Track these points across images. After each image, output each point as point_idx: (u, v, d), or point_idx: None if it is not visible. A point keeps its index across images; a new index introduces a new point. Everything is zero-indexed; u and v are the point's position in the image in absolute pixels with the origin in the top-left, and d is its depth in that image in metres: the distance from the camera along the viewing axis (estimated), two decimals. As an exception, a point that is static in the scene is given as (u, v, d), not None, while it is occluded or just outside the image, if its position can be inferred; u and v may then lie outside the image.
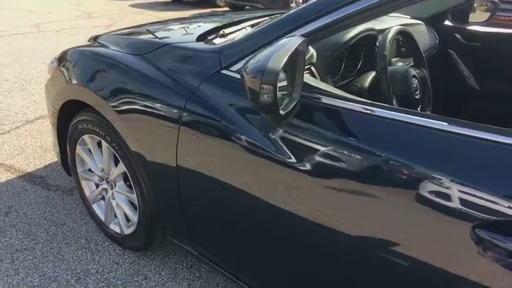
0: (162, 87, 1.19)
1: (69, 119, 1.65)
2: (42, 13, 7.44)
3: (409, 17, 1.97)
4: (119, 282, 1.55)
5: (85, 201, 1.81)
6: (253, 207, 1.05)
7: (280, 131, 0.93)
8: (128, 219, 1.63)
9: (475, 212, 0.69)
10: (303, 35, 0.91)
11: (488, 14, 2.11)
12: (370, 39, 1.41)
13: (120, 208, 1.62)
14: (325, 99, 0.93)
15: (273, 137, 0.95)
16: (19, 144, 2.56)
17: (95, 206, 1.77)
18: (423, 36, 1.86)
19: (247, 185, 1.04)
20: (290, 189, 0.94)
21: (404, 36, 1.43)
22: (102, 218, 1.73)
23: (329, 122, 0.90)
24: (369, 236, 0.84)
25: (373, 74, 1.31)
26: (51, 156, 2.42)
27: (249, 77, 0.77)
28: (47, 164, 2.35)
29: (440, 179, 0.73)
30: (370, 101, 0.94)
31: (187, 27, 1.55)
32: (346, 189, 0.85)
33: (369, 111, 0.88)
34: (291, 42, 0.79)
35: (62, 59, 1.64)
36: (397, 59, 1.55)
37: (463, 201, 0.70)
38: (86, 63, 1.49)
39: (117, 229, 1.68)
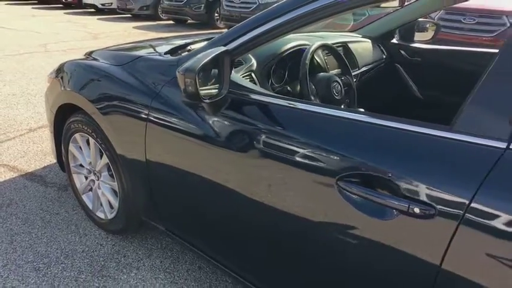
0: (135, 90, 1.49)
1: (64, 121, 1.95)
2: (50, 34, 7.90)
3: (359, 35, 2.28)
4: (101, 259, 1.81)
5: (76, 193, 2.09)
6: (203, 186, 1.32)
7: (217, 120, 1.21)
8: (111, 207, 1.90)
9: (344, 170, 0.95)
10: (234, 47, 1.20)
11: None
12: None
13: (105, 196, 1.89)
14: (253, 96, 1.22)
15: (212, 124, 1.23)
16: (22, 149, 2.86)
17: (84, 197, 2.05)
18: (368, 51, 2.16)
19: (196, 168, 1.32)
20: (227, 167, 1.22)
21: (327, 50, 1.73)
22: (90, 206, 2.01)
23: (256, 112, 1.18)
24: (282, 204, 1.10)
25: None
26: (50, 159, 2.71)
27: (179, 74, 1.06)
28: (46, 165, 2.65)
29: (333, 152, 0.98)
30: (294, 98, 1.23)
31: (162, 44, 1.86)
32: (267, 165, 1.11)
33: (292, 105, 1.15)
34: (212, 51, 1.08)
35: (59, 70, 1.95)
36: (338, 70, 1.84)
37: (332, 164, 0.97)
38: (79, 73, 1.80)
39: (102, 215, 1.95)
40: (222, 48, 1.11)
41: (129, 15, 11.54)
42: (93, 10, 12.62)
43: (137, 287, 1.66)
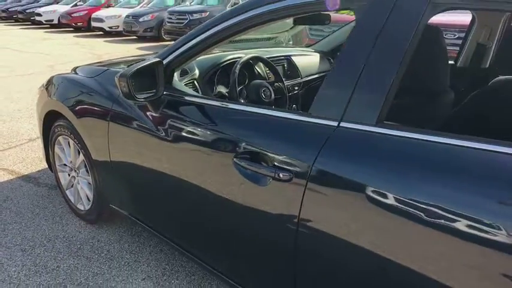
0: (100, 96, 1.81)
1: (50, 126, 2.28)
2: (59, 56, 8.43)
3: (311, 50, 2.59)
4: (78, 243, 2.11)
5: (61, 189, 2.41)
6: (151, 173, 1.61)
7: (157, 116, 1.52)
8: (88, 199, 2.21)
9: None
10: (171, 59, 1.52)
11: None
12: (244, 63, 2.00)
13: (83, 190, 2.21)
14: (186, 97, 1.53)
15: (154, 120, 1.53)
16: (21, 156, 3.21)
17: (67, 192, 2.36)
18: (313, 63, 2.46)
19: (145, 158, 1.62)
20: (165, 156, 1.52)
21: (256, 60, 2.03)
22: (72, 200, 2.32)
23: (185, 109, 1.48)
24: (202, 180, 1.38)
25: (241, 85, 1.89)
26: (45, 164, 3.03)
27: (116, 79, 1.38)
28: (40, 169, 2.98)
29: (231, 137, 1.28)
30: (226, 100, 1.53)
31: (132, 61, 2.20)
32: (191, 151, 1.40)
33: (224, 105, 1.45)
34: (146, 61, 1.40)
35: (48, 83, 2.30)
36: (284, 79, 2.15)
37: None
38: (63, 84, 2.14)
39: (81, 207, 2.26)
40: (156, 59, 1.43)
41: (134, 37, 12.11)
42: (101, 33, 13.25)
43: (105, 264, 1.94)
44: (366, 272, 1.02)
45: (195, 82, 1.78)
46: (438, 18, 1.21)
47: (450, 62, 2.24)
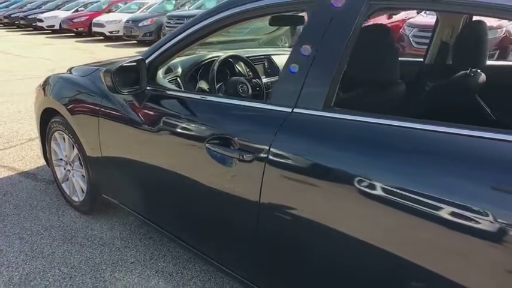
0: (91, 93, 1.96)
1: (47, 123, 2.44)
2: (59, 61, 8.61)
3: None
4: (72, 231, 2.26)
5: (58, 183, 2.56)
6: (138, 163, 1.76)
7: (140, 108, 1.67)
8: (82, 191, 2.36)
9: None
10: (154, 57, 1.67)
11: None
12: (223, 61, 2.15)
13: (77, 182, 2.36)
14: (169, 92, 1.68)
15: (138, 112, 1.68)
16: (21, 154, 3.37)
17: (63, 185, 2.51)
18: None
19: (132, 149, 1.77)
20: (149, 145, 1.66)
21: (235, 59, 2.18)
22: (68, 192, 2.47)
23: (166, 102, 1.63)
24: (181, 166, 1.53)
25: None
26: (43, 161, 3.19)
27: (101, 74, 1.54)
28: (39, 166, 3.13)
29: (204, 125, 1.42)
30: (201, 93, 1.68)
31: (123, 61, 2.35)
32: (170, 140, 1.55)
33: (203, 98, 1.59)
34: (129, 59, 1.55)
35: (45, 82, 2.45)
36: (263, 76, 2.30)
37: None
38: (58, 83, 2.29)
39: (76, 199, 2.41)
40: (139, 58, 1.59)
41: (134, 42, 12.31)
42: (101, 38, 13.46)
43: (97, 250, 2.09)
44: (316, 242, 1.17)
45: (178, 79, 1.94)
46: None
47: (419, 59, 2.40)
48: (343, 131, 1.11)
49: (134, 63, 1.57)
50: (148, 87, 1.67)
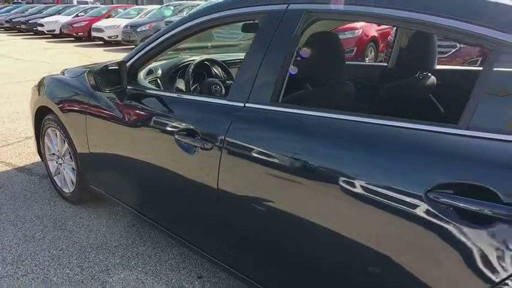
0: (80, 92, 2.17)
1: (41, 120, 2.65)
2: (57, 65, 8.82)
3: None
4: (62, 219, 2.46)
5: (50, 176, 2.77)
6: (121, 155, 1.96)
7: (122, 104, 1.88)
8: (72, 183, 2.56)
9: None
10: (134, 60, 1.89)
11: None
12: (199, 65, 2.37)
13: (68, 174, 2.56)
14: (148, 91, 1.88)
15: (121, 109, 1.89)
16: (18, 151, 3.58)
17: (55, 178, 2.72)
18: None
19: (116, 143, 1.98)
20: (131, 139, 1.87)
21: (212, 62, 2.40)
22: (59, 184, 2.68)
23: (145, 100, 1.84)
24: (159, 158, 1.73)
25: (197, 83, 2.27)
26: (38, 158, 3.40)
27: (86, 74, 1.75)
28: (34, 162, 3.34)
29: (174, 118, 1.63)
30: (179, 92, 1.89)
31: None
32: (149, 133, 1.75)
33: (175, 96, 1.80)
34: (111, 62, 1.77)
35: (40, 83, 2.66)
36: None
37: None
38: (51, 84, 2.50)
39: (66, 190, 2.62)
40: (120, 60, 1.80)
41: (132, 46, 12.55)
42: (101, 42, 13.73)
43: (84, 235, 2.29)
44: (264, 219, 1.37)
45: (158, 80, 2.15)
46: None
47: (384, 63, 2.62)
48: (285, 122, 1.31)
49: (115, 65, 1.78)
50: (129, 87, 1.88)
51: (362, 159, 1.12)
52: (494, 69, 0.97)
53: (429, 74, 2.09)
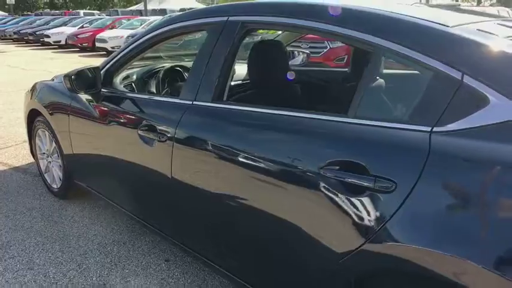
0: (63, 96, 2.42)
1: (33, 122, 2.90)
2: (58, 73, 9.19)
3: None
4: (50, 212, 2.69)
5: (41, 173, 3.01)
6: (100, 152, 2.20)
7: (98, 106, 2.12)
8: (60, 179, 2.80)
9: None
10: (109, 66, 2.13)
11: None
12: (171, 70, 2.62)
13: (56, 171, 2.81)
14: (120, 93, 2.13)
15: (96, 110, 2.13)
16: (15, 153, 3.84)
17: (45, 175, 2.97)
18: (241, 71, 3.05)
19: (95, 140, 2.22)
20: (107, 137, 2.11)
21: (183, 68, 2.63)
22: (49, 180, 2.92)
23: (117, 101, 2.08)
24: (130, 153, 1.97)
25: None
26: (33, 159, 3.66)
27: (62, 77, 2.00)
28: (29, 163, 3.59)
29: (139, 116, 1.87)
30: (146, 94, 2.13)
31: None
32: (123, 131, 1.98)
33: (141, 97, 2.04)
34: (86, 67, 2.01)
35: (32, 88, 2.92)
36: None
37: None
38: (41, 89, 2.76)
39: (55, 186, 2.86)
40: (94, 66, 2.05)
41: (134, 56, 12.93)
42: (104, 53, 14.13)
43: (68, 225, 2.53)
44: (207, 200, 1.59)
45: (133, 84, 2.40)
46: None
47: (345, 69, 2.84)
48: (223, 116, 1.54)
49: (89, 69, 2.03)
50: (104, 90, 2.13)
51: (277, 145, 1.34)
52: (372, 69, 1.19)
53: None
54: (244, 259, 1.56)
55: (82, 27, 16.81)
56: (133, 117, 1.91)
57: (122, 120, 1.97)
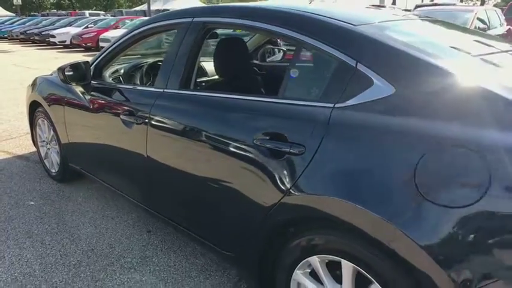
0: (60, 88, 2.73)
1: (34, 112, 3.23)
2: (64, 72, 9.55)
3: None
4: (48, 192, 3.01)
5: (41, 160, 3.34)
6: (92, 137, 2.51)
7: (88, 96, 2.43)
8: (58, 164, 3.12)
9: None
10: (99, 60, 2.44)
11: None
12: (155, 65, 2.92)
13: (54, 157, 3.13)
14: (107, 85, 2.43)
15: (88, 99, 2.44)
16: (19, 143, 4.18)
17: (45, 161, 3.29)
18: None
19: (87, 127, 2.53)
20: (97, 124, 2.41)
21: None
22: (48, 166, 3.25)
23: (107, 91, 2.38)
24: (117, 136, 2.27)
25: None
26: (35, 148, 3.99)
27: (57, 70, 2.31)
28: (31, 152, 3.92)
29: (125, 103, 2.17)
30: (135, 85, 2.44)
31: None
32: (110, 117, 2.29)
33: (131, 88, 2.35)
34: (77, 61, 2.32)
35: (33, 82, 3.24)
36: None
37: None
38: (41, 82, 3.08)
39: (53, 170, 3.18)
40: (85, 61, 2.36)
41: (136, 55, 13.29)
42: (107, 52, 14.52)
43: (63, 203, 2.84)
44: (173, 173, 1.88)
45: (120, 77, 2.71)
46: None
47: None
48: (188, 101, 1.84)
49: (80, 63, 2.34)
50: (93, 82, 2.44)
51: (227, 122, 1.63)
52: (296, 60, 1.49)
53: None
54: (201, 217, 1.86)
55: (86, 27, 17.21)
56: (117, 104, 2.21)
57: (108, 108, 2.27)
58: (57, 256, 2.23)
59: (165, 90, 1.94)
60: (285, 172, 1.38)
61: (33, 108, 3.22)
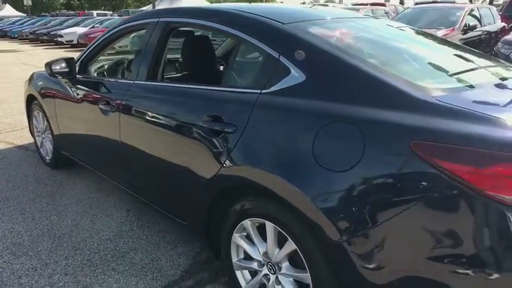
0: (51, 82, 3.03)
1: (30, 105, 3.53)
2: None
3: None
4: (42, 177, 3.32)
5: (38, 149, 3.65)
6: (79, 125, 2.80)
7: (74, 89, 2.72)
8: (51, 152, 3.42)
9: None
10: (84, 56, 2.73)
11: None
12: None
13: (48, 145, 3.43)
14: (91, 79, 2.72)
15: (74, 91, 2.72)
16: (20, 135, 4.50)
17: (41, 150, 3.60)
18: None
19: (74, 116, 2.81)
20: (83, 114, 2.70)
21: None
22: (43, 153, 3.55)
23: (90, 84, 2.66)
24: (101, 125, 2.55)
25: None
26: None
27: (45, 65, 2.60)
28: (31, 142, 4.24)
29: (109, 96, 2.45)
30: (114, 78, 2.72)
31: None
32: (93, 107, 2.57)
33: (109, 81, 2.62)
34: (63, 58, 2.60)
35: (30, 77, 3.55)
36: (175, 73, 3.33)
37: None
38: (37, 77, 3.38)
39: (47, 158, 3.49)
40: (70, 57, 2.64)
41: (140, 54, 13.64)
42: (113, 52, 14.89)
43: (55, 187, 3.14)
44: (146, 158, 2.16)
45: (105, 72, 3.00)
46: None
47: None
48: (153, 91, 2.11)
49: (66, 60, 2.62)
50: (79, 76, 2.73)
51: (182, 107, 1.90)
52: (237, 53, 1.75)
53: None
54: (162, 191, 2.13)
55: (93, 27, 17.63)
56: (97, 95, 2.49)
57: (90, 99, 2.55)
58: (45, 230, 2.52)
59: (135, 81, 2.21)
60: (222, 148, 1.64)
61: (30, 101, 3.52)
